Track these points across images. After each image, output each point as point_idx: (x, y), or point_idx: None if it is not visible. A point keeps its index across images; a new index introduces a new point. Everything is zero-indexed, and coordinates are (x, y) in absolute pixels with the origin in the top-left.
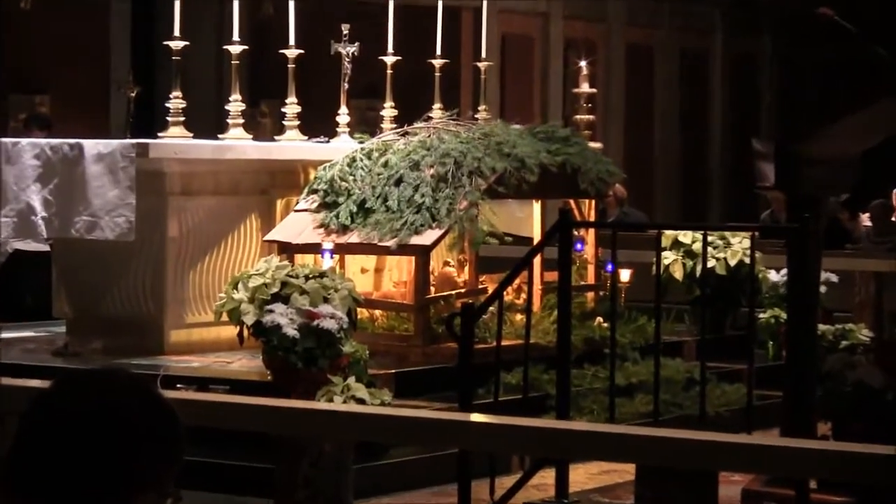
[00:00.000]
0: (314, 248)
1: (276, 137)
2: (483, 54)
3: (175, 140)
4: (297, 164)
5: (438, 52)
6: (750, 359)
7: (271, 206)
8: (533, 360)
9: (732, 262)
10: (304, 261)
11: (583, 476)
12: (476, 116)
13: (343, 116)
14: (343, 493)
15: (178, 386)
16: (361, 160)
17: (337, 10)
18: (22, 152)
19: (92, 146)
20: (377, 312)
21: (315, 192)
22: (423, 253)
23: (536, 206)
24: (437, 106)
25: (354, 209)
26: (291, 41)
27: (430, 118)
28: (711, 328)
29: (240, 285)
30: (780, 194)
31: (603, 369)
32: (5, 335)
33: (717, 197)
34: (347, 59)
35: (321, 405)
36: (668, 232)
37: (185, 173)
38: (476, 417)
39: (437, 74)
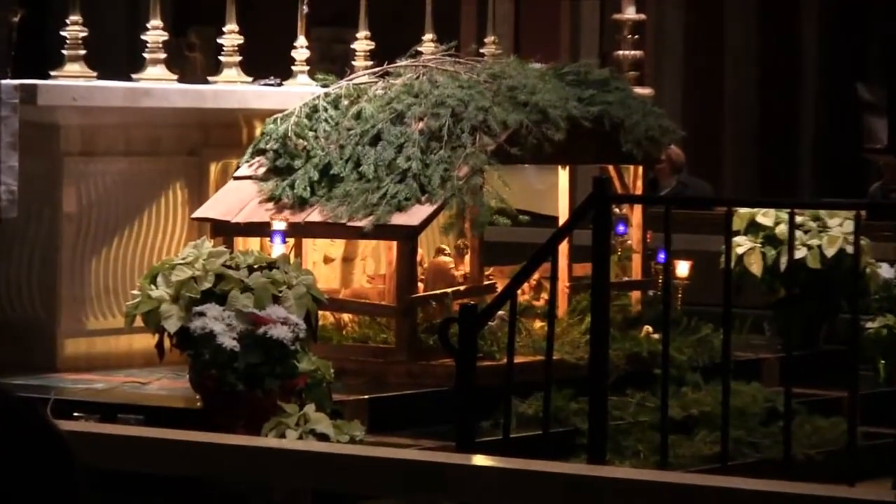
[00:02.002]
0: (261, 230)
1: (209, 79)
2: None
3: (73, 81)
4: (237, 115)
5: None
6: (853, 384)
7: (203, 171)
8: (557, 384)
9: (830, 252)
10: (248, 246)
11: None
12: (481, 52)
13: (301, 51)
14: None
15: (76, 415)
16: (325, 110)
17: None
18: None
19: None
20: (346, 317)
21: (262, 152)
22: (408, 236)
23: (563, 174)
24: (428, 37)
25: (316, 177)
26: None
27: (418, 54)
28: (800, 342)
29: (159, 279)
30: (895, 160)
31: (652, 396)
32: None
33: (809, 164)
34: None
35: (269, 441)
36: (743, 210)
37: (86, 127)
38: (479, 460)
39: None
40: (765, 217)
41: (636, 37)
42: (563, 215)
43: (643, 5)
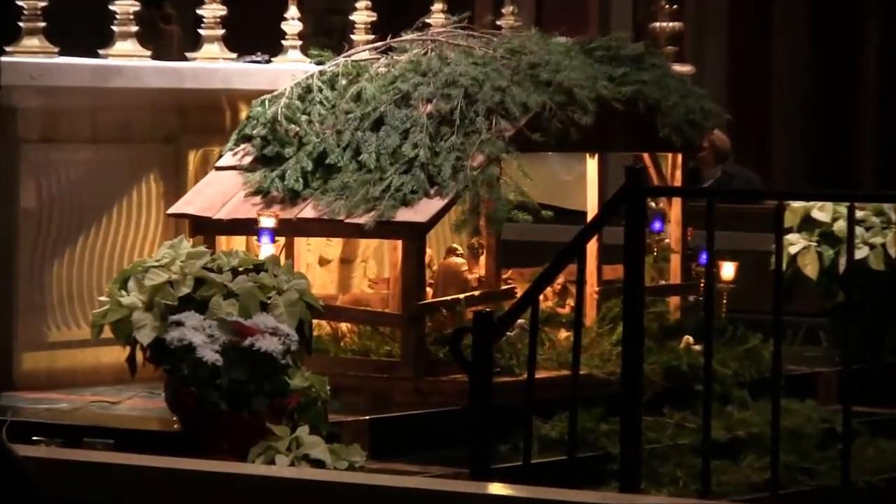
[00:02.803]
0: (246, 227)
1: (187, 55)
2: None
3: (32, 58)
4: (219, 97)
5: None
6: None
7: (180, 160)
8: (584, 402)
9: (895, 252)
10: (232, 246)
11: None
12: (498, 24)
13: (292, 23)
14: None
15: (36, 439)
16: (320, 91)
17: None
18: None
19: None
20: (344, 327)
21: (248, 139)
22: (415, 235)
23: (591, 164)
24: (437, 7)
25: (309, 167)
26: None
27: (426, 26)
28: (861, 353)
29: (131, 284)
30: None
31: (693, 416)
32: None
33: (871, 151)
34: None
35: (257, 468)
36: (796, 204)
37: (47, 110)
38: (496, 489)
39: None
40: (821, 212)
41: (674, 6)
42: (592, 210)
43: None
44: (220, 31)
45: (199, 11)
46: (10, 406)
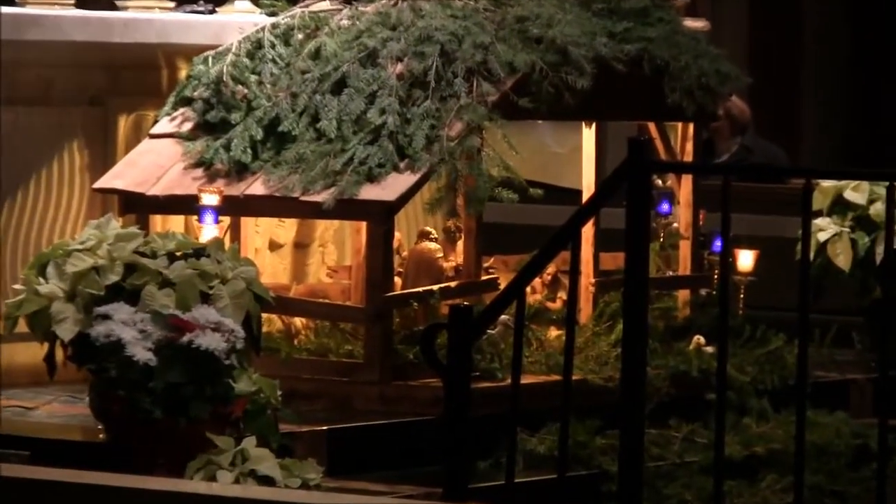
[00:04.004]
0: (185, 205)
1: (117, 3)
2: None
3: None
4: (155, 53)
5: None
6: None
7: (108, 126)
8: (577, 412)
9: None
10: (168, 227)
11: None
12: None
13: None
14: None
15: None
16: (272, 47)
17: None
18: None
19: None
20: (298, 322)
21: (188, 102)
22: (382, 216)
23: (588, 135)
24: None
25: (259, 135)
26: None
27: None
28: None
29: (50, 270)
30: None
31: (704, 429)
32: None
33: None
34: None
35: (195, 486)
36: (825, 183)
37: None
38: None
39: None
40: (855, 192)
41: None
42: (588, 189)
43: None
44: None
45: None
46: None
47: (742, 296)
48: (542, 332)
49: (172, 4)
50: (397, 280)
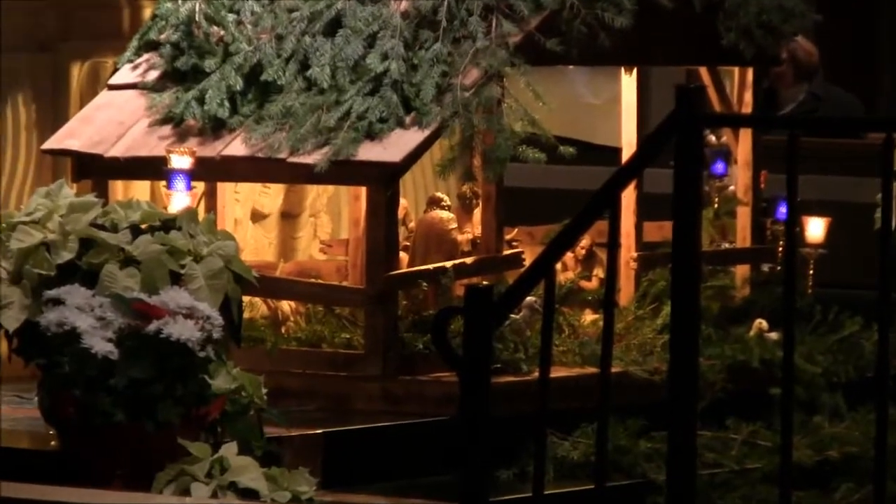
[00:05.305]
0: (152, 169)
1: None
2: None
3: None
4: None
5: None
6: None
7: (60, 76)
8: (616, 412)
9: None
10: (131, 195)
11: None
12: None
13: None
14: None
15: None
16: None
17: None
18: None
19: None
20: (286, 306)
21: (154, 47)
22: (384, 180)
23: (628, 83)
24: None
25: (239, 85)
26: None
27: None
28: None
29: None
30: None
31: (767, 431)
32: None
33: None
34: None
35: (166, 500)
36: None
37: None
38: None
39: None
40: None
41: None
42: (629, 147)
43: None
44: None
45: None
46: None
47: (811, 272)
48: (576, 316)
49: None
50: (403, 256)
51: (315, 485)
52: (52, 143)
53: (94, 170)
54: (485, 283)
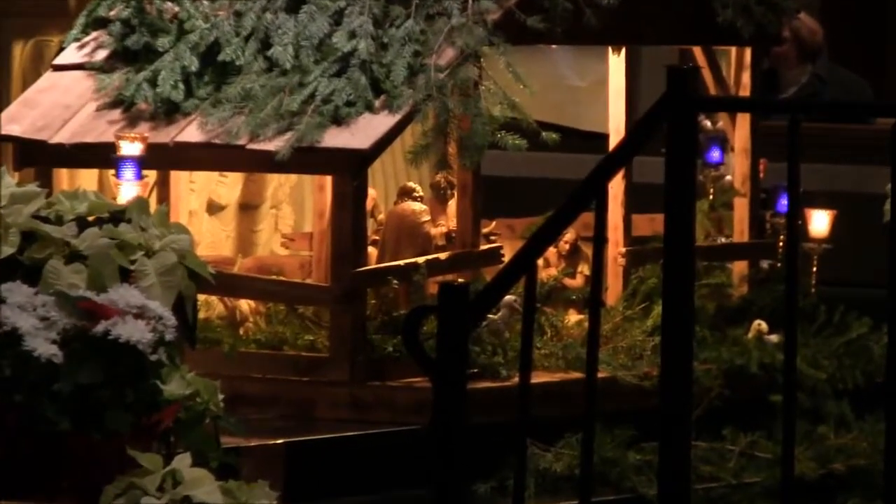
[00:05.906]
0: (99, 156)
1: None
2: None
3: None
4: None
5: None
6: None
7: (0, 55)
8: (603, 420)
9: None
10: (78, 184)
11: None
12: None
13: None
14: None
15: None
16: None
17: None
18: None
19: None
20: (245, 305)
21: (102, 24)
22: (352, 168)
23: (616, 63)
24: None
25: (194, 66)
26: None
27: None
28: None
29: None
30: None
31: (767, 441)
32: None
33: None
34: None
35: None
36: None
37: None
38: None
39: None
40: None
41: None
42: (617, 133)
43: None
44: None
45: None
46: None
47: (815, 269)
48: (559, 316)
49: None
50: (372, 251)
51: (276, 499)
52: None
53: (38, 157)
54: (460, 280)
